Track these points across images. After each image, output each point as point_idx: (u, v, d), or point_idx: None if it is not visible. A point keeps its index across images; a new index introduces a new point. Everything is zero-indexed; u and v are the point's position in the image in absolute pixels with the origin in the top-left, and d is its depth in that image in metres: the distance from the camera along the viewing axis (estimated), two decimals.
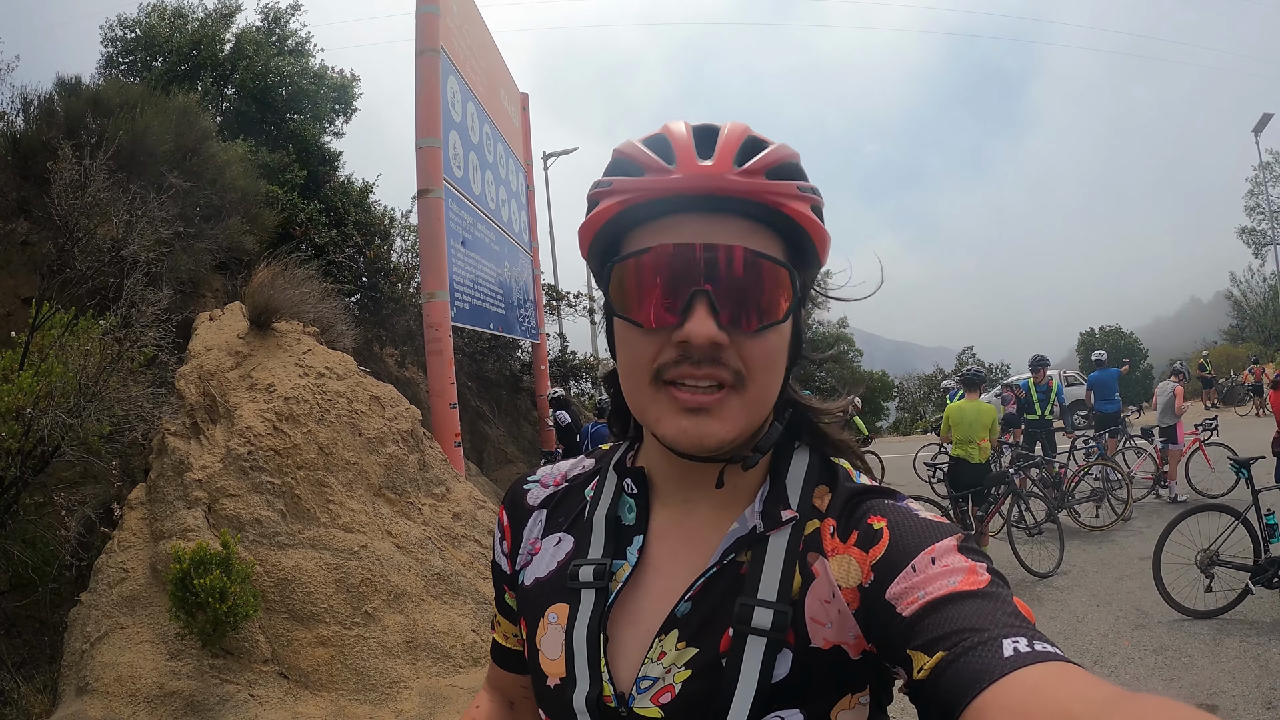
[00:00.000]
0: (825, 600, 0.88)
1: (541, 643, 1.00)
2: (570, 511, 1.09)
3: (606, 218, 0.90)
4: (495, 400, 14.87)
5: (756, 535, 0.92)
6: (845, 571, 0.88)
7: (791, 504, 0.94)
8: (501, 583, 1.17)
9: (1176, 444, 11.54)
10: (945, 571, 0.78)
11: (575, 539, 1.05)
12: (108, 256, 6.30)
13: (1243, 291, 39.09)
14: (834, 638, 0.87)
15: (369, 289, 12.09)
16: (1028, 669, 0.65)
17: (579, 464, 1.17)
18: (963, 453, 8.74)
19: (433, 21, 9.01)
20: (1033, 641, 0.69)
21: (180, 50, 13.44)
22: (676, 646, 0.90)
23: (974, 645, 0.69)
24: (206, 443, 5.31)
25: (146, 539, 4.97)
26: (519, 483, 1.18)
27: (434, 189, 8.70)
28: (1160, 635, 6.17)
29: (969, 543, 0.83)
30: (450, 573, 5.61)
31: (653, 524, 1.01)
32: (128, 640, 4.45)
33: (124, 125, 7.44)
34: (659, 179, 0.86)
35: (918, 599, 0.77)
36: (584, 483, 1.12)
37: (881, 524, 0.88)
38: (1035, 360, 12.95)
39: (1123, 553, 8.85)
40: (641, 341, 0.89)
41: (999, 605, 0.74)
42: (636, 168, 0.89)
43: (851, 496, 0.94)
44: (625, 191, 0.88)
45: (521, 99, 14.76)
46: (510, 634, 1.21)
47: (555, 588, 1.02)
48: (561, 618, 0.98)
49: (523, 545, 1.11)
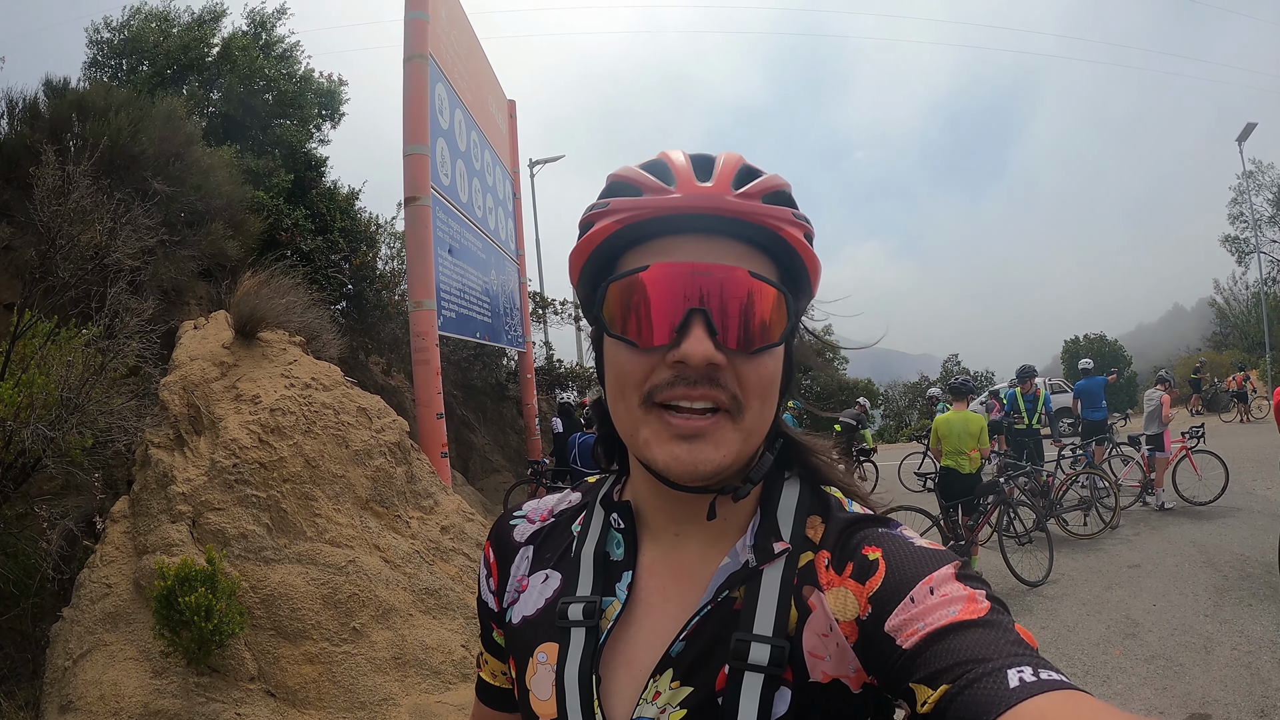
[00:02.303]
0: (823, 634, 0.86)
1: (531, 683, 0.98)
2: (557, 548, 1.07)
3: (603, 237, 0.89)
4: (481, 409, 14.82)
5: (750, 570, 0.91)
6: (842, 605, 0.86)
7: (784, 536, 0.93)
8: (489, 620, 1.15)
9: (1164, 451, 11.62)
10: (944, 601, 0.77)
11: (563, 576, 1.03)
12: (91, 264, 6.21)
13: (1226, 299, 39.54)
14: (833, 671, 0.85)
15: (355, 297, 12.02)
16: (1035, 699, 0.64)
17: (565, 498, 1.15)
18: (953, 463, 8.77)
19: (421, 27, 8.95)
20: (1038, 670, 0.68)
21: (167, 54, 13.38)
22: (671, 686, 0.88)
23: (979, 677, 0.68)
24: (191, 455, 5.23)
25: (130, 553, 4.88)
26: (505, 518, 1.16)
27: (421, 196, 8.64)
28: (1151, 644, 6.18)
29: (966, 569, 0.82)
30: (439, 587, 5.54)
31: (642, 559, 0.99)
32: (111, 657, 4.37)
33: (108, 129, 7.36)
34: (659, 198, 0.86)
35: (918, 630, 0.76)
36: (571, 518, 1.10)
37: (877, 554, 0.87)
38: (1022, 371, 13.01)
39: (1111, 561, 8.89)
40: (634, 361, 0.87)
41: (1001, 634, 0.73)
42: (634, 189, 0.88)
43: (846, 527, 0.93)
44: (624, 210, 0.87)
45: (509, 106, 14.72)
46: (499, 672, 1.18)
47: (544, 626, 1.00)
48: (551, 657, 0.97)
49: (510, 583, 1.09)
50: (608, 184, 0.92)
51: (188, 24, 13.89)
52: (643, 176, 0.88)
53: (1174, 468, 11.96)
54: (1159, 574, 8.12)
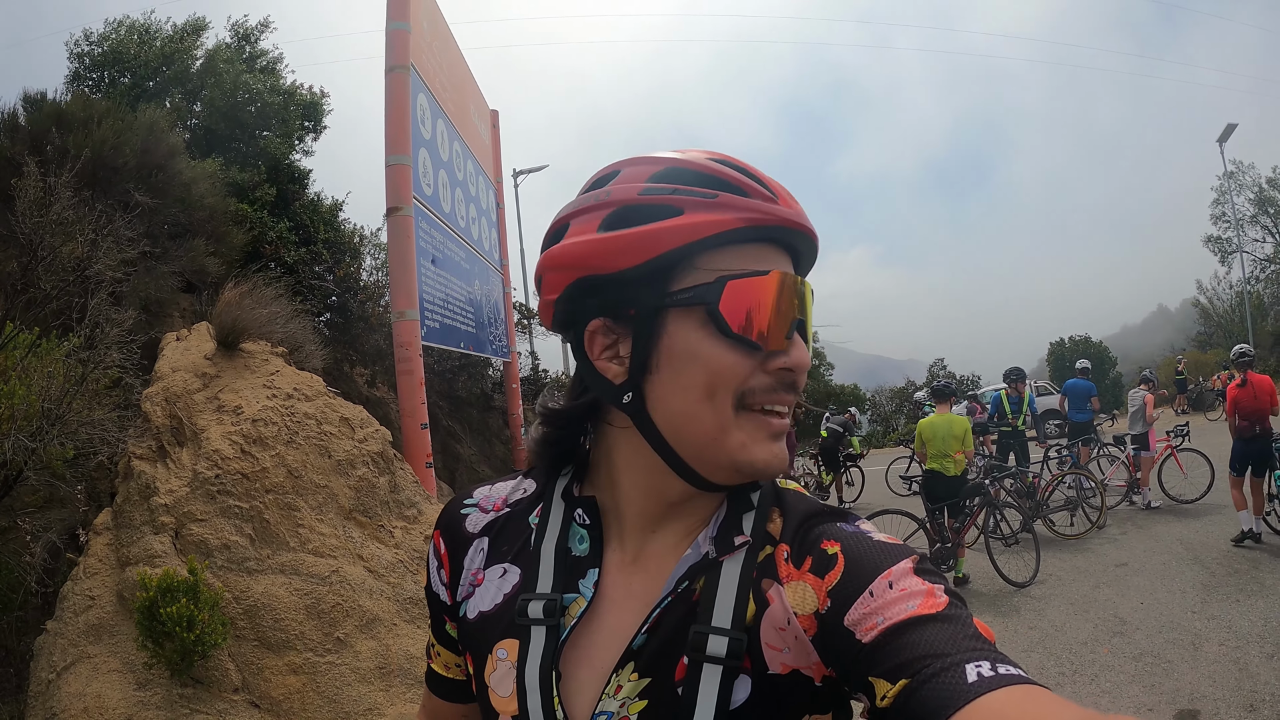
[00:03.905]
0: (780, 628, 0.86)
1: (491, 679, 0.97)
2: (514, 540, 1.05)
3: (715, 230, 0.86)
4: (467, 420, 14.75)
5: (709, 561, 0.91)
6: (801, 598, 0.87)
7: (745, 529, 0.93)
8: (441, 613, 1.12)
9: (1149, 450, 11.69)
10: (903, 595, 0.78)
11: (522, 571, 1.01)
12: (72, 276, 6.18)
13: (1209, 299, 39.84)
14: (792, 663, 0.85)
15: (338, 308, 11.97)
16: (993, 694, 0.65)
17: (519, 486, 1.12)
18: (938, 466, 8.79)
19: (403, 38, 8.94)
20: (996, 665, 0.69)
21: (149, 66, 13.34)
22: (631, 678, 0.88)
23: (937, 671, 0.69)
24: (173, 466, 5.20)
25: (113, 565, 4.85)
26: (454, 506, 1.13)
27: (404, 207, 8.61)
28: (1139, 642, 6.20)
29: (925, 564, 0.83)
30: (423, 597, 5.52)
31: (608, 556, 0.98)
32: (95, 670, 4.34)
33: (90, 140, 7.34)
34: (780, 208, 0.89)
35: (876, 625, 0.77)
36: (527, 508, 1.07)
37: (835, 548, 0.87)
38: (1012, 374, 13.06)
39: (1099, 560, 8.92)
40: (742, 364, 0.87)
41: (959, 628, 0.74)
42: (738, 189, 0.88)
43: (804, 520, 0.93)
44: (744, 210, 0.87)
45: (491, 116, 14.71)
46: (452, 664, 1.16)
47: (502, 622, 0.99)
48: (511, 654, 0.95)
49: (464, 575, 1.07)
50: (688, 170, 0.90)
51: (169, 36, 13.87)
52: (744, 179, 0.89)
53: (1160, 466, 12.01)
54: (1146, 572, 8.16)
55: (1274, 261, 34.70)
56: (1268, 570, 7.64)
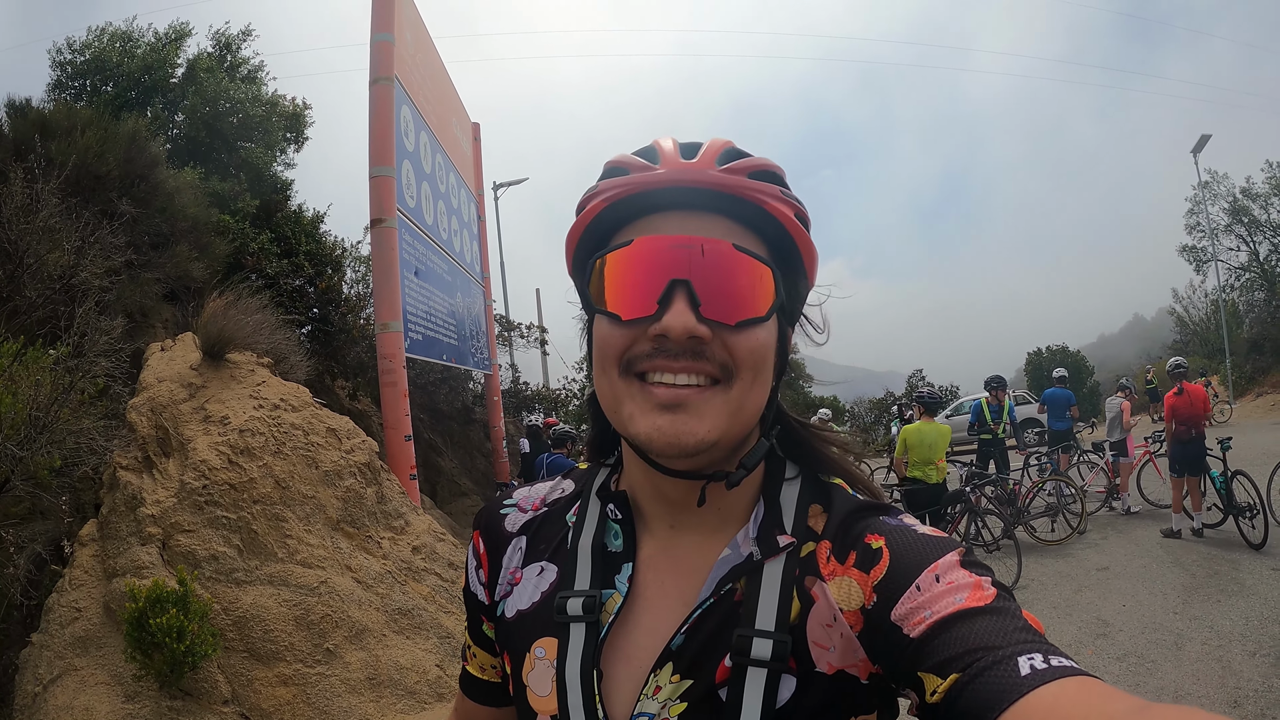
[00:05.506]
0: (827, 624, 0.85)
1: (529, 678, 0.96)
2: (551, 539, 1.04)
3: (591, 217, 0.90)
4: (448, 432, 14.67)
5: (752, 563, 0.89)
6: (846, 594, 0.85)
7: (786, 527, 0.91)
8: (478, 613, 1.11)
9: (1128, 457, 11.82)
10: (950, 589, 0.77)
11: (559, 568, 1.00)
12: (58, 284, 6.14)
13: (1185, 307, 40.20)
14: (838, 662, 0.84)
15: (320, 320, 11.91)
16: (1048, 686, 0.64)
17: (557, 487, 1.11)
18: (920, 473, 8.86)
19: (387, 50, 8.96)
20: (1048, 656, 0.68)
21: (130, 75, 13.31)
22: (671, 680, 0.87)
23: (989, 665, 0.68)
24: (160, 477, 5.17)
25: (99, 577, 4.81)
26: (494, 506, 1.12)
27: (387, 219, 8.61)
28: (1123, 642, 6.25)
29: (971, 556, 0.81)
30: (412, 607, 5.51)
31: (641, 551, 0.97)
32: (82, 682, 4.30)
33: (75, 148, 7.30)
34: (642, 174, 0.87)
35: (925, 619, 0.76)
36: (565, 507, 1.07)
37: (880, 543, 0.86)
38: (994, 381, 13.15)
39: (1080, 565, 8.99)
40: (616, 334, 0.86)
41: (1009, 620, 0.73)
42: (623, 170, 0.89)
43: (847, 516, 0.92)
44: (611, 189, 0.88)
45: (473, 129, 14.72)
46: (488, 665, 1.15)
47: (540, 620, 0.97)
48: (550, 652, 0.94)
49: (502, 574, 1.06)
50: (602, 171, 0.92)
51: (151, 44, 13.81)
52: (631, 159, 0.90)
53: (1138, 472, 12.24)
54: (1127, 575, 8.23)
55: (1248, 270, 35.11)
56: (1247, 571, 7.73)
